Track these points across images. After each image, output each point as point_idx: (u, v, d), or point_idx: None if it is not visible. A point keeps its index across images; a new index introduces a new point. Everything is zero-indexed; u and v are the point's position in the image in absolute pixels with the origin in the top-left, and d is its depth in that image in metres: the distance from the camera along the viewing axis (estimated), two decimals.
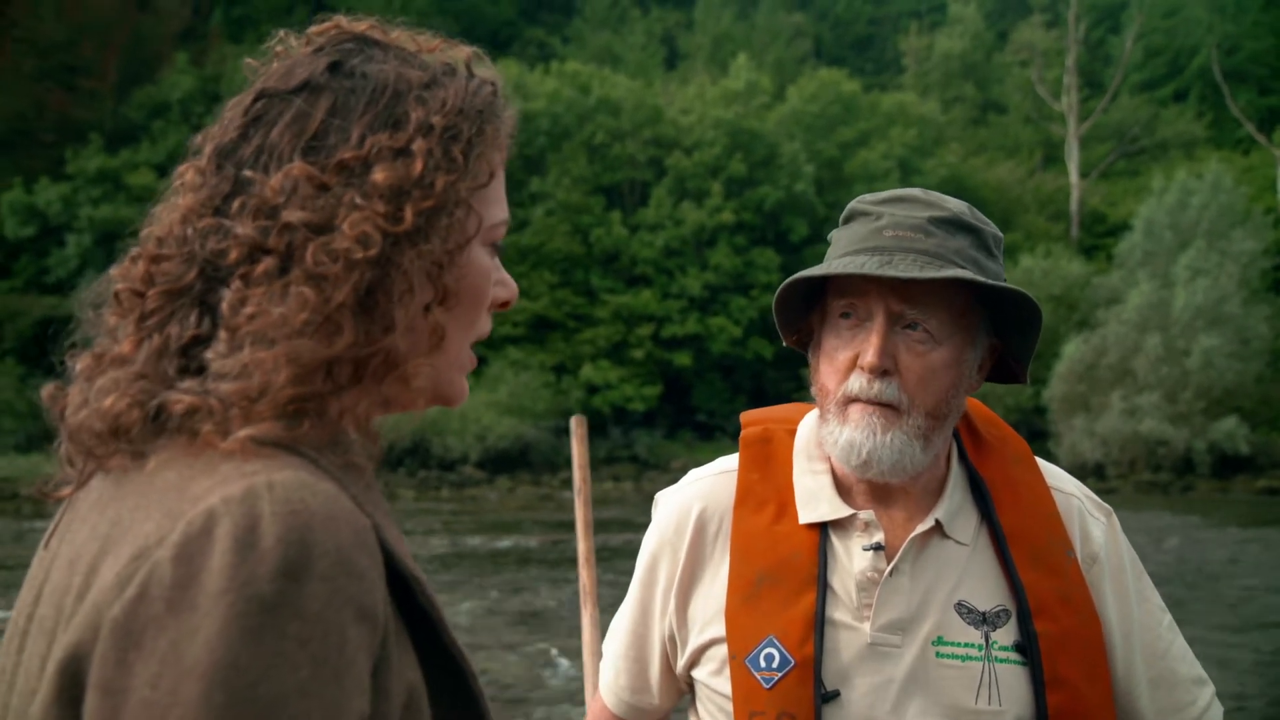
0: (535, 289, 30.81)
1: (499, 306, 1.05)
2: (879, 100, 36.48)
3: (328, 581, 0.77)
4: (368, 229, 0.89)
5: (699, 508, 1.57)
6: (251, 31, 36.79)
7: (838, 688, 1.43)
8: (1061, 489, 1.55)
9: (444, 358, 0.98)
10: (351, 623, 0.78)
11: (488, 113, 0.99)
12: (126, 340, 0.91)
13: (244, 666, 0.74)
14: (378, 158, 0.91)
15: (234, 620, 0.75)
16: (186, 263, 0.91)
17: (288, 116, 0.93)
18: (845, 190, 33.09)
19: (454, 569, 13.35)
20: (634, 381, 29.90)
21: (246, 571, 0.76)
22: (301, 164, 0.90)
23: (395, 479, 24.91)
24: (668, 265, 31.52)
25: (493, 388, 27.75)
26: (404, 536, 0.94)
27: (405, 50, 0.99)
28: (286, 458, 0.84)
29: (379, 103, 0.93)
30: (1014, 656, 1.44)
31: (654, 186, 32.66)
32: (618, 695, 1.67)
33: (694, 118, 33.04)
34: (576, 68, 34.06)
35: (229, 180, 0.92)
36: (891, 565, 1.46)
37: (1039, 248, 31.29)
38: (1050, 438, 26.56)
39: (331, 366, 0.89)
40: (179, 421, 0.86)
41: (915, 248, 1.41)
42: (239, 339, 0.87)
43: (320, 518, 0.79)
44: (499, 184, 1.01)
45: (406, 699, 0.86)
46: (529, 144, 32.77)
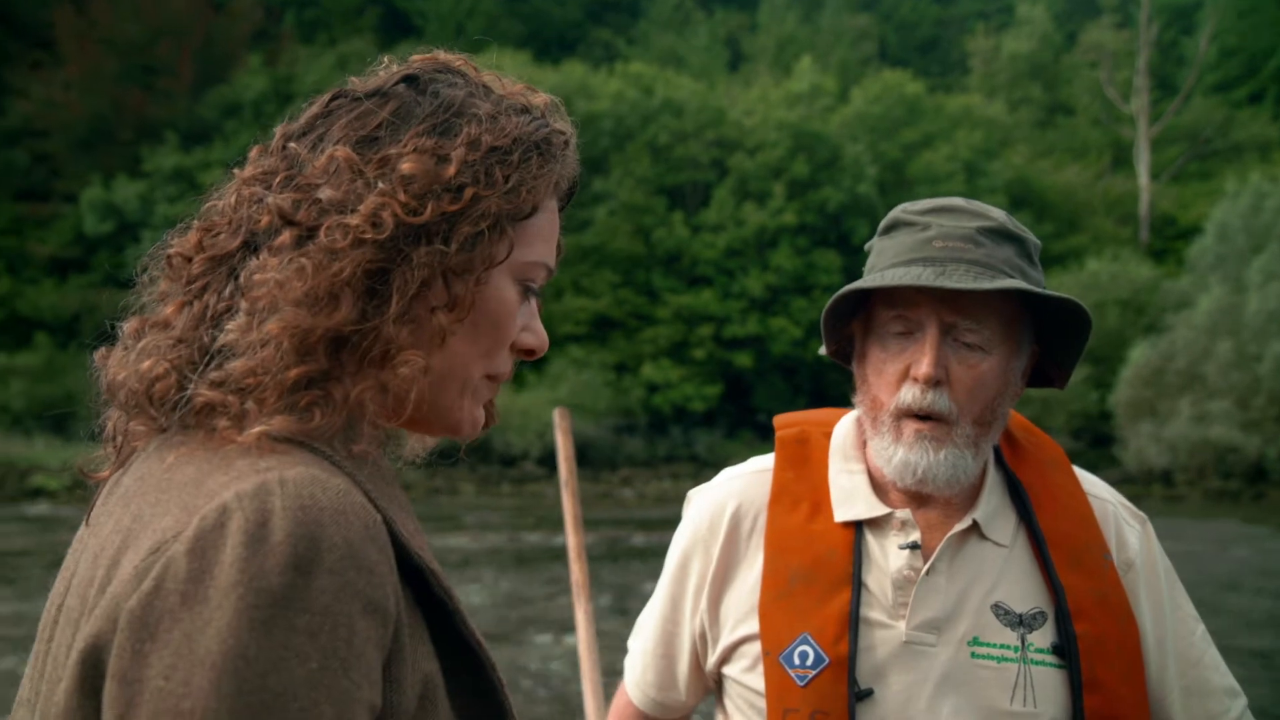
0: (597, 288, 30.95)
1: (524, 354, 1.05)
2: (944, 102, 36.10)
3: (336, 575, 0.79)
4: (383, 213, 0.91)
5: (734, 505, 1.57)
6: (323, 33, 37.44)
7: (872, 686, 1.42)
8: (1098, 495, 1.56)
9: (447, 370, 0.98)
10: (360, 615, 0.80)
11: (545, 150, 1.00)
12: (171, 305, 0.95)
13: (253, 658, 0.76)
14: (414, 153, 0.94)
15: (244, 612, 0.76)
16: (233, 232, 0.95)
17: (354, 114, 0.97)
18: (908, 192, 32.79)
19: (512, 564, 13.52)
20: (694, 381, 29.93)
21: (256, 565, 0.77)
22: (346, 149, 0.94)
23: (456, 474, 25.20)
24: (729, 266, 31.51)
25: (554, 386, 27.95)
26: (420, 529, 0.96)
27: (486, 85, 1.01)
28: (300, 453, 0.87)
29: (439, 116, 0.96)
30: (1050, 659, 1.43)
31: (716, 187, 32.65)
32: (644, 691, 1.67)
33: (757, 119, 32.97)
34: (641, 69, 34.16)
35: (284, 159, 0.96)
36: (928, 564, 1.45)
37: (1106, 251, 30.78)
38: (1115, 443, 26.13)
39: (334, 347, 0.91)
40: (196, 418, 0.90)
41: (966, 258, 1.41)
42: (253, 307, 0.91)
43: (330, 513, 0.81)
44: (547, 226, 1.02)
45: (422, 689, 0.87)
46: (593, 144, 32.92)
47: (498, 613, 10.92)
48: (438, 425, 1.02)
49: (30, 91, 31.94)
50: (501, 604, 11.40)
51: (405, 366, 0.93)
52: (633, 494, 23.47)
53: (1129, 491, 23.69)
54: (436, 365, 0.97)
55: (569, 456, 2.52)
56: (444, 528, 17.86)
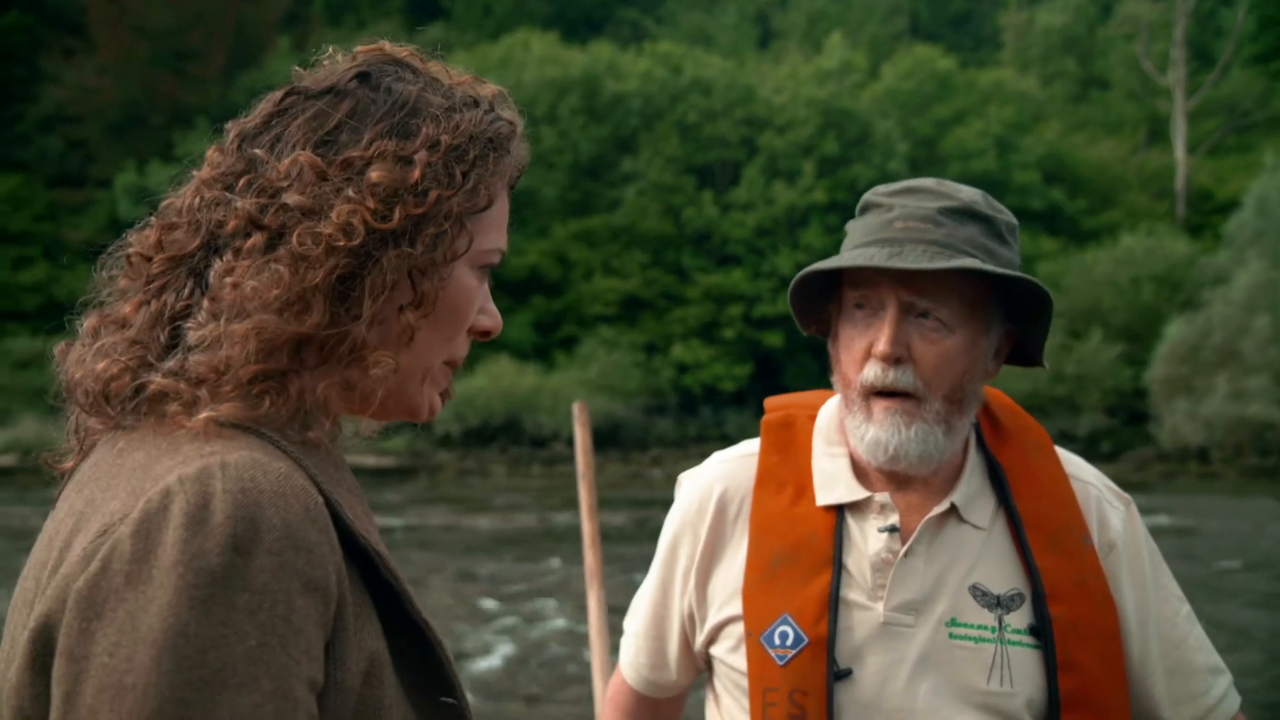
0: (627, 269, 30.95)
1: (480, 335, 1.08)
2: (976, 77, 35.72)
3: (275, 555, 0.82)
4: (354, 220, 0.93)
5: (720, 489, 1.60)
6: (351, 15, 37.52)
7: (850, 666, 1.45)
8: (1080, 478, 1.57)
9: (412, 363, 1.01)
10: (299, 594, 0.83)
11: (498, 144, 1.03)
12: (129, 304, 0.98)
13: (193, 635, 0.79)
14: (379, 159, 0.96)
15: (184, 591, 0.80)
16: (193, 232, 0.98)
17: (309, 113, 0.99)
18: (940, 168, 32.50)
19: (541, 544, 13.60)
20: (724, 361, 29.90)
21: (196, 546, 0.81)
22: (309, 153, 0.96)
23: (487, 455, 25.35)
24: (759, 245, 31.41)
25: (584, 367, 28.02)
26: (370, 513, 0.99)
27: (435, 79, 1.04)
28: (245, 438, 0.90)
29: (395, 115, 0.99)
30: (1027, 640, 1.45)
31: (746, 166, 32.51)
32: (637, 671, 1.71)
33: (786, 97, 32.76)
34: (669, 48, 34.01)
35: (244, 161, 0.98)
36: (906, 547, 1.48)
37: (1141, 226, 30.42)
38: (1151, 420, 25.87)
39: (298, 346, 0.94)
40: (149, 405, 0.93)
41: (925, 238, 1.44)
42: (217, 309, 0.93)
43: (270, 495, 0.84)
44: (500, 213, 1.05)
45: (368, 666, 0.90)
46: (621, 124, 32.86)
47: (524, 593, 11.00)
48: (397, 412, 1.06)
49: (64, 78, 32.23)
50: (528, 584, 11.48)
51: (378, 368, 0.96)
52: (662, 474, 23.51)
53: (1164, 469, 23.48)
54: (404, 362, 1.00)
55: (587, 449, 2.61)
56: (475, 508, 17.97)
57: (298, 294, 0.93)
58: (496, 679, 8.46)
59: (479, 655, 9.08)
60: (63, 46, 32.73)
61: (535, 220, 32.16)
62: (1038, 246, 31.45)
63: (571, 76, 32.79)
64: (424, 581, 12.08)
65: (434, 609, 10.72)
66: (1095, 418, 26.35)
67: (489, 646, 9.32)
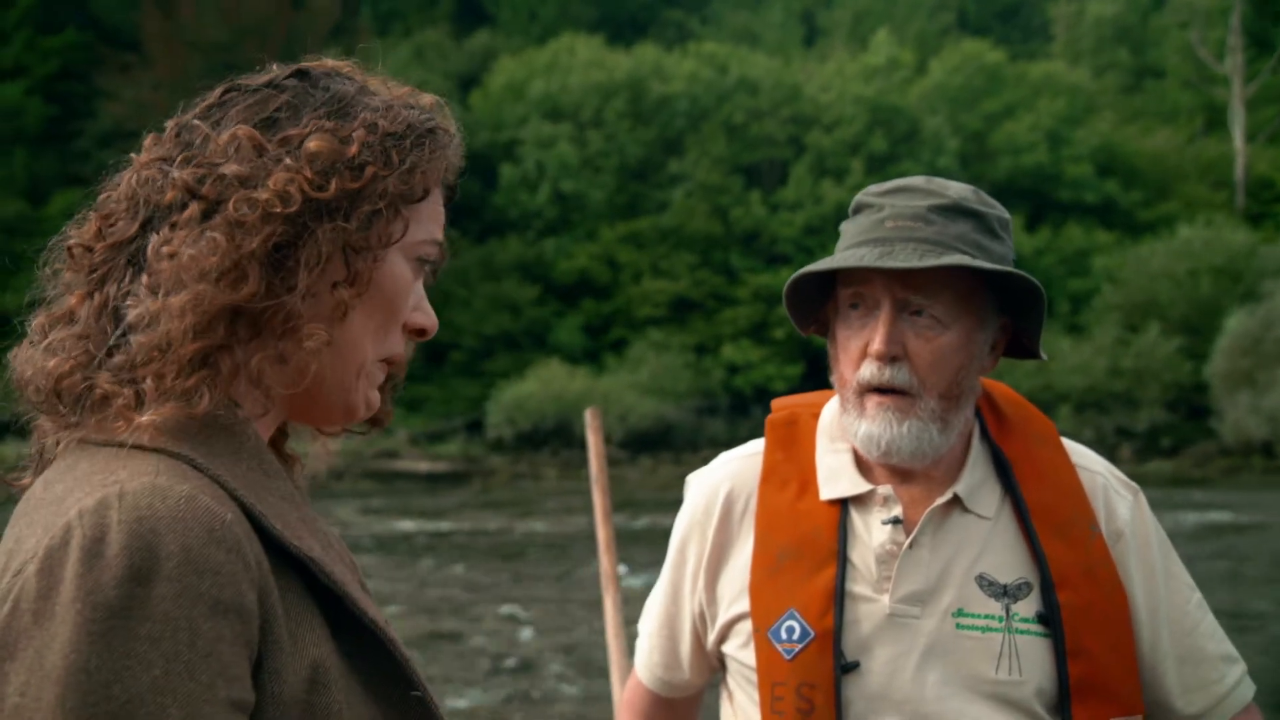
0: (675, 270, 30.94)
1: (416, 333, 1.07)
2: (1026, 70, 35.29)
3: (175, 582, 0.82)
4: (290, 188, 0.94)
5: (726, 488, 1.62)
6: (398, 24, 37.90)
7: (857, 659, 1.46)
8: (1087, 467, 1.57)
9: (342, 352, 1.01)
10: (205, 618, 0.83)
11: (431, 139, 1.04)
12: (74, 296, 0.98)
13: (94, 669, 0.79)
14: (317, 132, 0.97)
15: (82, 626, 0.80)
16: (131, 216, 0.97)
17: (250, 100, 1.00)
18: (990, 163, 32.16)
19: (591, 547, 13.61)
20: (775, 361, 29.78)
21: (92, 580, 0.81)
22: (247, 128, 0.97)
23: (539, 459, 25.46)
24: (808, 244, 31.24)
25: (634, 369, 28.04)
26: (312, 519, 0.98)
27: (373, 89, 1.05)
28: (155, 460, 0.89)
29: (333, 104, 1.01)
30: (1035, 628, 1.46)
31: (793, 165, 32.37)
32: (651, 671, 1.73)
33: (833, 95, 32.57)
34: (714, 48, 33.96)
35: (182, 144, 0.99)
36: (910, 538, 1.49)
37: (1199, 217, 29.85)
38: (1212, 415, 25.37)
39: (233, 318, 0.93)
40: (96, 405, 0.93)
41: (915, 236, 1.45)
42: (155, 283, 0.93)
43: (167, 521, 0.84)
44: (435, 208, 1.06)
45: (311, 674, 0.90)
46: (668, 126, 32.86)
47: (573, 594, 11.03)
48: (334, 408, 1.04)
49: (120, 94, 32.89)
50: (577, 586, 11.50)
51: (310, 340, 0.96)
52: None
53: (1226, 465, 23.02)
54: (338, 340, 1.00)
55: (600, 454, 2.68)
56: (527, 512, 18.05)
57: (234, 262, 0.93)
58: (550, 681, 8.49)
59: (533, 658, 9.12)
60: (119, 63, 33.40)
61: (583, 224, 32.26)
62: (1092, 240, 30.99)
63: (617, 79, 32.85)
64: (475, 584, 12.16)
65: (484, 612, 10.79)
66: (1154, 413, 25.87)
67: (541, 649, 9.35)
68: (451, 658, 9.06)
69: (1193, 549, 12.48)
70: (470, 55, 36.74)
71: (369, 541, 14.92)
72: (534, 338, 30.61)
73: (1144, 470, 22.36)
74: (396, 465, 23.88)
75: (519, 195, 32.36)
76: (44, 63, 34.65)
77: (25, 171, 32.42)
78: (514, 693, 8.27)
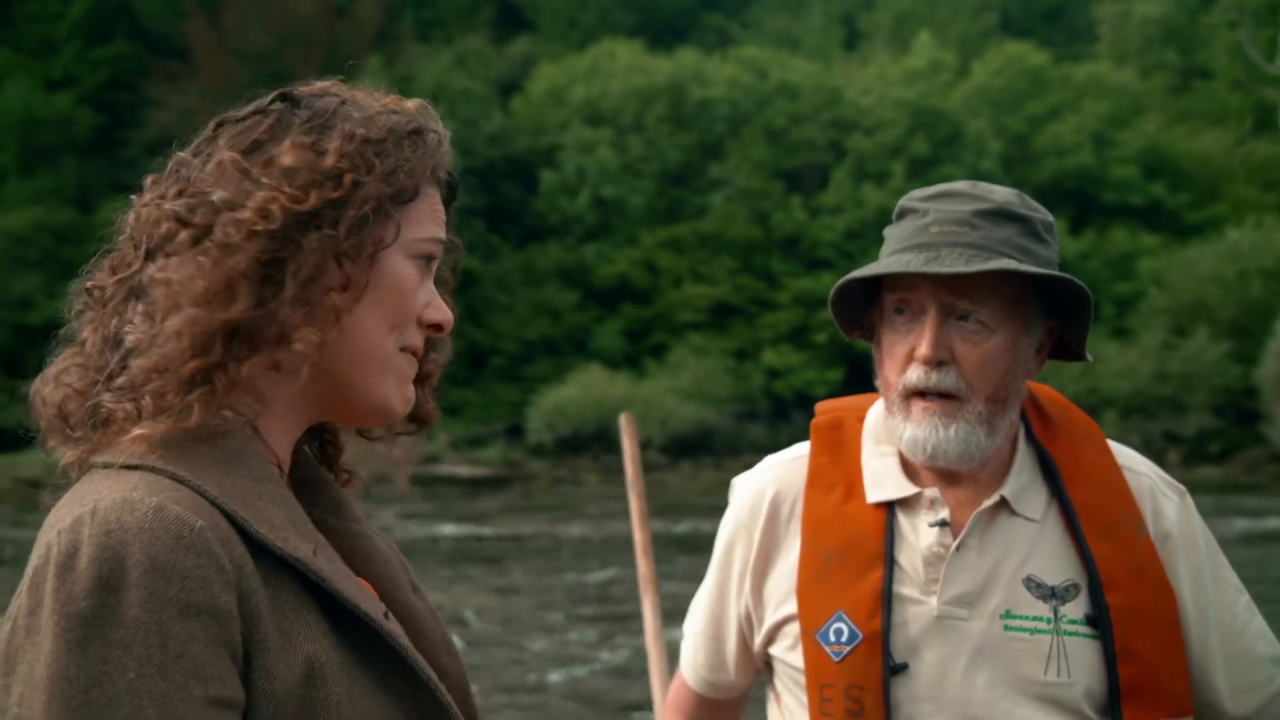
0: (715, 275, 30.91)
1: (432, 329, 1.09)
2: (1070, 72, 34.95)
3: (142, 588, 0.87)
4: (271, 206, 0.98)
5: (772, 491, 1.62)
6: (439, 31, 38.18)
7: (906, 660, 1.46)
8: (1133, 469, 1.57)
9: (358, 351, 1.04)
10: (175, 620, 0.87)
11: (416, 138, 1.06)
12: (86, 330, 1.03)
13: (73, 676, 0.85)
14: (294, 149, 1.01)
15: (60, 637, 0.86)
16: (134, 250, 1.03)
17: (236, 130, 1.05)
18: (1033, 166, 31.86)
19: (630, 551, 13.62)
20: (816, 365, 29.68)
21: (65, 593, 0.87)
22: (232, 154, 1.01)
23: (580, 464, 25.51)
24: (849, 248, 31.10)
25: (674, 374, 28.04)
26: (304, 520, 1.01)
27: (358, 100, 1.08)
28: (135, 478, 0.93)
29: (315, 120, 1.04)
30: (1084, 630, 1.46)
31: (834, 169, 32.26)
32: (697, 672, 1.74)
33: (874, 98, 32.44)
34: (754, 53, 33.94)
35: (178, 179, 1.04)
36: (958, 540, 1.49)
37: (1249, 219, 29.38)
38: (1262, 420, 24.95)
39: (230, 336, 0.97)
40: (101, 425, 0.98)
41: (961, 241, 1.45)
42: (151, 309, 0.98)
43: (134, 532, 0.88)
44: (431, 206, 1.08)
45: (306, 670, 0.93)
46: (708, 131, 32.86)
47: (618, 598, 11.03)
48: (368, 407, 1.07)
49: (168, 103, 33.38)
50: (622, 589, 11.50)
51: (300, 344, 1.00)
52: None
53: (1277, 470, 22.62)
54: (338, 342, 1.03)
55: (635, 459, 2.70)
56: (567, 516, 18.09)
57: (223, 282, 0.97)
58: (595, 685, 8.50)
59: (576, 662, 9.14)
60: (167, 72, 33.91)
61: (624, 229, 32.32)
62: (1138, 243, 30.62)
63: (657, 84, 32.90)
64: (519, 589, 12.20)
65: (526, 616, 10.82)
66: (1203, 418, 25.49)
67: (585, 653, 9.37)
68: (503, 663, 9.10)
69: (1243, 555, 12.28)
70: (511, 61, 36.93)
71: (411, 545, 15.02)
72: (574, 343, 30.69)
73: (1193, 476, 22.02)
74: (437, 470, 24.01)
75: (559, 200, 32.48)
76: (93, 73, 35.26)
77: (75, 180, 32.98)
78: (559, 692, 8.29)
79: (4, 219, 30.31)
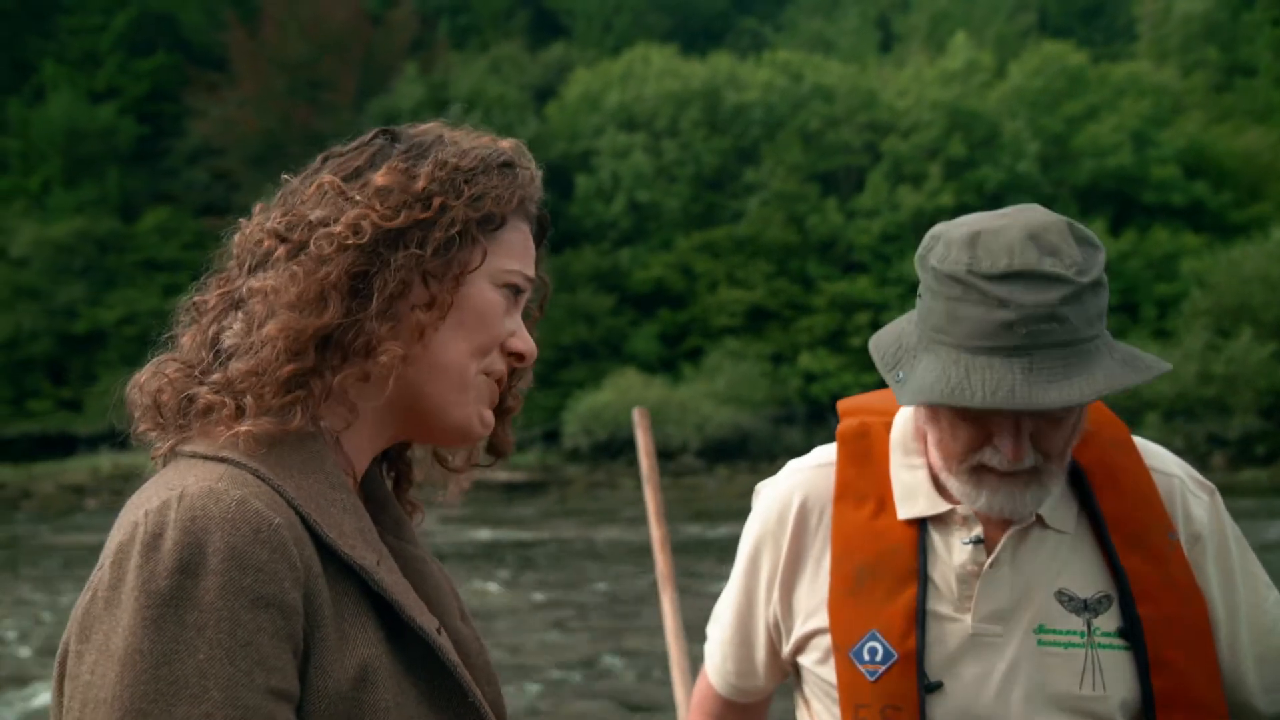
0: (751, 279, 30.85)
1: (515, 358, 1.14)
2: (1110, 71, 34.57)
3: (220, 575, 0.90)
4: (362, 222, 1.03)
5: (800, 499, 1.60)
6: (475, 38, 38.40)
7: (941, 679, 1.45)
8: (1162, 469, 1.54)
9: (439, 368, 1.08)
10: (246, 609, 0.91)
11: (502, 170, 1.11)
12: (185, 336, 1.09)
13: (147, 651, 0.88)
14: (389, 172, 1.07)
15: (139, 612, 0.89)
16: (239, 267, 1.09)
17: (338, 161, 1.11)
18: (1072, 166, 31.55)
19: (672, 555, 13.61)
20: (853, 369, 29.51)
21: (148, 571, 0.90)
22: (333, 177, 1.08)
23: (615, 468, 25.53)
24: (885, 251, 30.95)
25: (711, 378, 28.01)
26: (370, 529, 1.04)
27: (455, 137, 1.13)
28: (219, 468, 0.98)
29: (412, 151, 1.10)
30: (1117, 642, 1.44)
31: (870, 171, 32.10)
32: (724, 679, 1.73)
33: (910, 100, 32.26)
34: (789, 56, 33.86)
35: (282, 205, 1.10)
36: (992, 557, 1.47)
37: None
38: None
39: (322, 344, 1.03)
40: (198, 415, 1.02)
41: (1053, 341, 1.31)
42: (250, 317, 1.04)
43: (218, 521, 0.92)
44: (518, 239, 1.13)
45: (359, 673, 0.97)
46: (743, 135, 32.81)
47: (650, 600, 11.01)
48: (446, 426, 1.11)
49: (208, 112, 33.81)
50: (655, 593, 11.49)
51: (385, 355, 1.04)
52: None
53: None
54: (422, 359, 1.07)
55: (650, 453, 2.64)
56: (603, 520, 18.11)
57: (315, 290, 1.02)
58: (630, 690, 8.50)
59: (611, 666, 9.14)
60: (206, 82, 34.34)
61: (659, 233, 32.33)
62: (1180, 243, 30.23)
63: (692, 89, 32.90)
64: (556, 593, 12.23)
65: (563, 620, 10.84)
66: (1248, 420, 25.10)
67: (620, 658, 9.37)
68: (539, 666, 9.12)
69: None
70: (545, 67, 37.09)
71: (448, 549, 15.09)
72: (610, 347, 30.74)
73: (1237, 479, 21.69)
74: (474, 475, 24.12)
75: (594, 205, 32.55)
76: (136, 84, 35.78)
77: (118, 189, 33.47)
78: (594, 695, 8.30)
79: (48, 229, 30.80)
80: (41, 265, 30.51)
